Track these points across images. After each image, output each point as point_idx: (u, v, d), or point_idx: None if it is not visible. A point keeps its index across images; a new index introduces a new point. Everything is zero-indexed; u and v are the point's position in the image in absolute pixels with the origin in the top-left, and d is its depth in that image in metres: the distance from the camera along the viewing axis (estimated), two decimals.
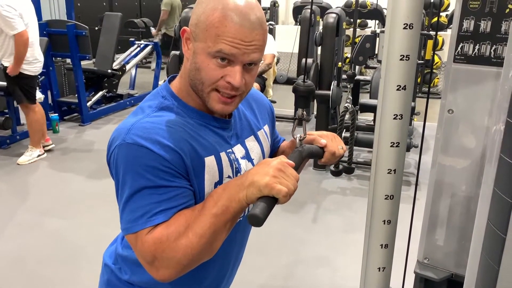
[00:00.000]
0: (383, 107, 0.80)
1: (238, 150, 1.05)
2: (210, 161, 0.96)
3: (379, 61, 4.04)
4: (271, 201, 0.81)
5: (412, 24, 0.73)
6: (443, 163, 1.30)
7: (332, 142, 1.08)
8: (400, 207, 0.97)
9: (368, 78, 5.22)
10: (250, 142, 1.09)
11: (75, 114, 5.67)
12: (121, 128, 0.92)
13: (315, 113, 4.71)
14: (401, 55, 0.75)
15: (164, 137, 0.89)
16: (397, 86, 0.77)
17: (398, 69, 0.76)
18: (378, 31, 4.49)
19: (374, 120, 4.41)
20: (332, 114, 4.25)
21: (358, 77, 4.71)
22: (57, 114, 5.21)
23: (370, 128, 4.26)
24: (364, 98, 4.61)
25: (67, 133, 5.17)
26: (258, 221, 0.77)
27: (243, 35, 0.87)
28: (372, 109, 4.21)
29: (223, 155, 0.99)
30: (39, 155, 4.34)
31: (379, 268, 0.88)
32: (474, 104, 1.23)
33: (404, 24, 0.74)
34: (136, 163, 0.88)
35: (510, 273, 0.64)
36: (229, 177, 1.00)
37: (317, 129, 4.20)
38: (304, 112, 0.99)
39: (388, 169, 0.82)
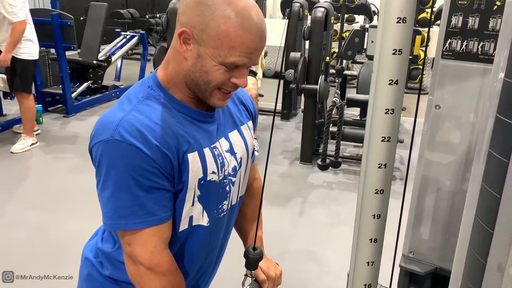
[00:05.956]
0: (374, 102, 0.79)
1: (223, 143, 1.05)
2: (193, 157, 0.96)
3: (368, 56, 4.06)
4: None
5: (406, 18, 0.73)
6: (429, 158, 1.31)
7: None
8: None
9: (355, 73, 5.24)
10: (234, 136, 1.09)
11: (60, 105, 5.58)
12: (108, 122, 0.91)
13: (302, 107, 4.71)
14: (394, 49, 0.75)
15: (152, 136, 0.90)
16: (389, 80, 0.77)
17: (390, 63, 0.76)
18: (367, 26, 4.50)
19: (360, 115, 4.44)
20: (319, 108, 4.26)
21: (345, 72, 4.73)
22: (41, 105, 5.12)
23: (356, 123, 4.28)
24: (351, 93, 4.63)
25: (51, 124, 5.09)
26: None
27: (256, 45, 0.90)
28: (359, 104, 4.22)
29: (206, 150, 0.99)
30: (32, 144, 4.32)
31: (368, 263, 0.89)
32: (461, 100, 1.24)
33: (398, 18, 0.74)
34: (123, 161, 0.88)
35: (497, 268, 0.65)
36: (213, 172, 1.00)
37: (304, 124, 4.20)
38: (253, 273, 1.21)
39: (379, 164, 0.82)
